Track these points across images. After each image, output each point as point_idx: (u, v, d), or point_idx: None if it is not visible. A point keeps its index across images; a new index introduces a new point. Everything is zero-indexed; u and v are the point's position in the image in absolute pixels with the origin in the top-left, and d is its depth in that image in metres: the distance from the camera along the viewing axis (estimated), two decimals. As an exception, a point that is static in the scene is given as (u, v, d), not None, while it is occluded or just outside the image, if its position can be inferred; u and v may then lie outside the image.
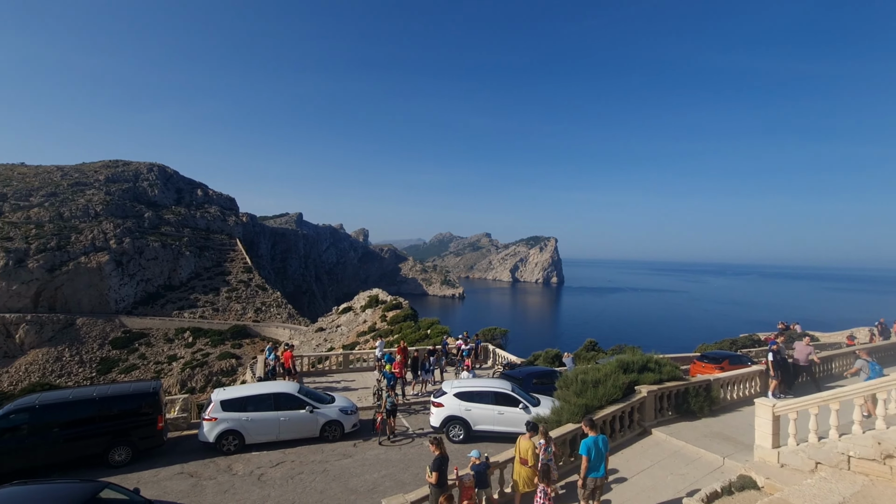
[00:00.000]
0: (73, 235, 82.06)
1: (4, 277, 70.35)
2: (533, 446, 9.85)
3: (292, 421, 15.40)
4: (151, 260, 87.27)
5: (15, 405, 13.90)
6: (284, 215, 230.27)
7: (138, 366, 65.68)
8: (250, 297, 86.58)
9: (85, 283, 76.11)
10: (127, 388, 15.37)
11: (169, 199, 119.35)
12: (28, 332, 67.62)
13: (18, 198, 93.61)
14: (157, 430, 14.52)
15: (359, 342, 36.00)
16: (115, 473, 13.48)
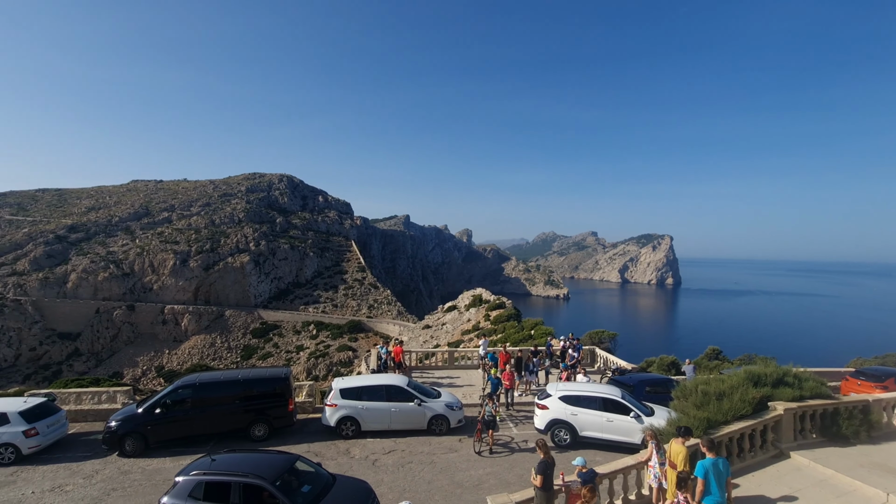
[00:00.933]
0: (222, 239, 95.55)
1: (174, 275, 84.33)
2: (685, 452, 9.22)
3: (402, 412, 16.33)
4: (282, 260, 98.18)
5: (181, 382, 16.65)
6: (393, 218, 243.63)
7: (272, 353, 74.32)
8: (364, 295, 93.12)
9: (231, 280, 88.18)
10: (264, 372, 17.55)
11: (296, 206, 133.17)
12: (190, 321, 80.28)
13: (182, 209, 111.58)
14: (288, 411, 16.38)
15: (463, 340, 36.82)
16: (257, 447, 15.52)
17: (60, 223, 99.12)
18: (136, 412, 15.47)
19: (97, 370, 68.59)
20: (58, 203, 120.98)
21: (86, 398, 19.03)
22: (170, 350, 76.35)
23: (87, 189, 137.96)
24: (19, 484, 13.20)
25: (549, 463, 9.24)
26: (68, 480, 13.38)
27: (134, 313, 79.49)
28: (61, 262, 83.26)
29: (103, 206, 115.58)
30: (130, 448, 15.01)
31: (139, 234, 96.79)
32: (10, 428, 14.53)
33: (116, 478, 13.54)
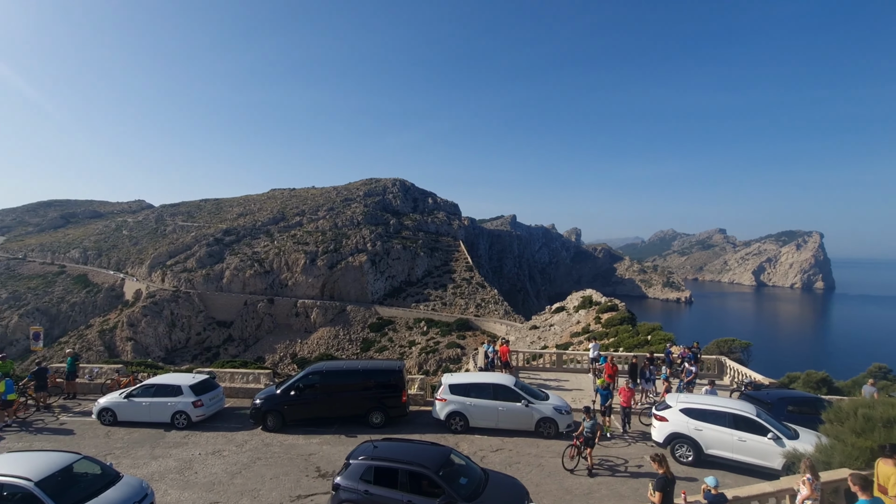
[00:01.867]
0: (344, 240, 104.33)
1: (304, 273, 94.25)
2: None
3: (509, 412, 16.38)
4: (395, 260, 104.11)
5: (312, 369, 18.61)
6: (499, 218, 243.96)
7: (387, 347, 79.22)
8: (471, 294, 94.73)
9: (351, 278, 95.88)
10: (381, 364, 18.89)
11: (407, 208, 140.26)
12: (318, 314, 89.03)
13: (311, 213, 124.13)
14: (402, 402, 17.41)
15: (572, 343, 35.64)
16: (375, 433, 16.76)
17: (218, 228, 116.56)
18: (275, 393, 17.67)
19: (245, 354, 79.35)
20: (216, 210, 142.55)
21: (237, 378, 22.22)
22: (301, 340, 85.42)
23: (237, 198, 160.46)
24: (189, 446, 15.90)
25: (669, 479, 8.62)
26: (224, 447, 15.77)
27: (273, 306, 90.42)
28: (218, 261, 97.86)
29: (249, 212, 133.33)
30: (271, 424, 17.20)
31: (277, 236, 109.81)
32: (183, 399, 17.56)
33: (261, 448, 15.62)
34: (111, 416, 17.81)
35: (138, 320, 79.34)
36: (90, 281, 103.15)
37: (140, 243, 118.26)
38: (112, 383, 21.69)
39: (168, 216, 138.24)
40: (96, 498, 10.32)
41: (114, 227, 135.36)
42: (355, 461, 10.78)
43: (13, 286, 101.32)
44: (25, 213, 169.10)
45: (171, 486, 12.99)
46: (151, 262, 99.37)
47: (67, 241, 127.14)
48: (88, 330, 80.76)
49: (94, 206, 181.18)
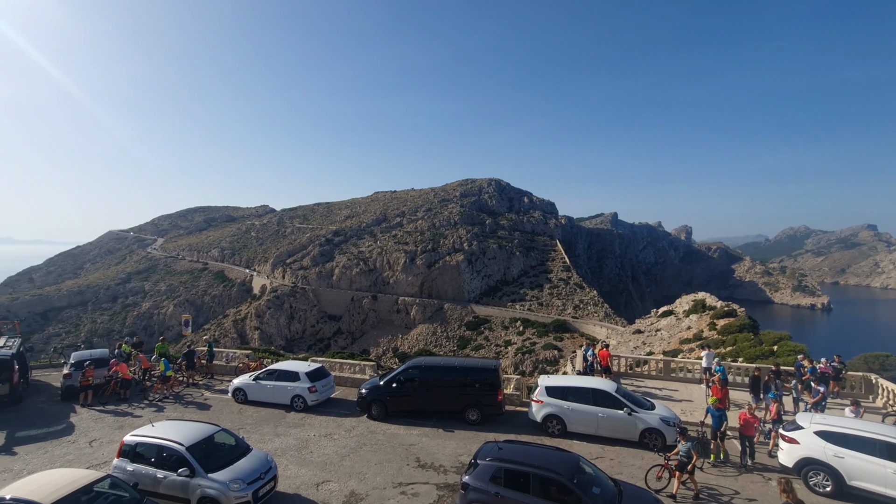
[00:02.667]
0: (441, 240, 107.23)
1: (404, 271, 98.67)
2: None
3: (610, 419, 15.67)
4: (491, 259, 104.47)
5: (411, 363, 19.50)
6: (599, 216, 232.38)
7: (483, 346, 79.87)
8: (569, 295, 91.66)
9: (448, 277, 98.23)
10: (477, 362, 19.16)
11: (503, 208, 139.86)
12: (417, 311, 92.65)
13: (410, 214, 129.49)
14: (497, 400, 17.52)
15: (681, 350, 32.88)
16: (471, 430, 17.10)
17: (329, 229, 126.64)
18: (378, 384, 18.83)
19: (352, 346, 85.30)
20: (327, 213, 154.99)
21: (345, 368, 24.05)
22: (402, 335, 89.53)
23: (345, 201, 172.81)
24: (305, 427, 17.59)
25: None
26: (335, 430, 17.19)
27: (376, 302, 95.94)
28: (329, 260, 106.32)
29: (355, 214, 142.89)
30: (375, 413, 18.36)
31: (379, 236, 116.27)
32: (300, 384, 19.46)
33: (366, 435, 16.77)
34: (243, 395, 20.36)
35: (263, 312, 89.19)
36: (226, 276, 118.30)
37: (265, 243, 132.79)
38: (243, 367, 24.75)
39: (287, 219, 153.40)
40: (231, 466, 11.92)
41: (244, 229, 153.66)
42: (483, 462, 10.65)
43: (169, 280, 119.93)
44: (178, 218, 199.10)
45: (291, 461, 14.50)
46: (274, 261, 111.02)
47: (209, 241, 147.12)
48: (225, 319, 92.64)
49: (229, 210, 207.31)
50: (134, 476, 11.75)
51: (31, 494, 9.19)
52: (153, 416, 18.42)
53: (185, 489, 11.44)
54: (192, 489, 11.36)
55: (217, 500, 11.17)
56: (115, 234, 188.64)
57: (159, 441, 12.13)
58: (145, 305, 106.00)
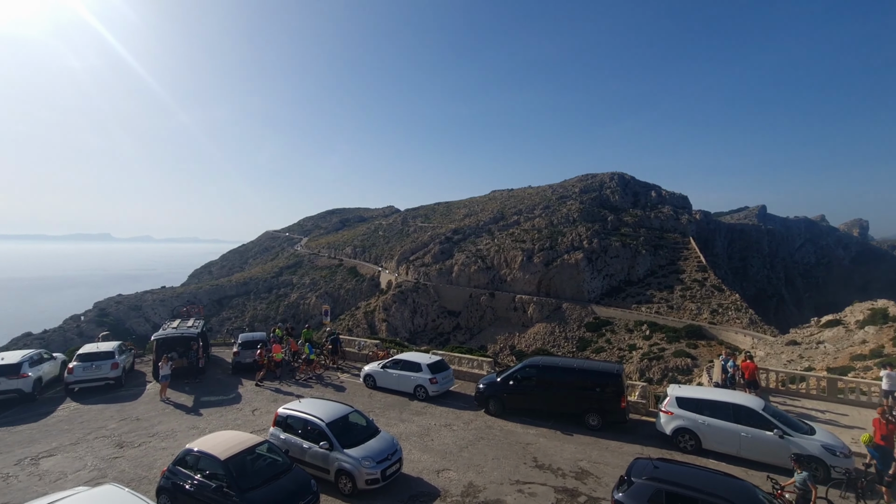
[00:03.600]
0: (559, 238, 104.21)
1: (521, 269, 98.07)
2: None
3: (756, 441, 13.89)
4: (614, 258, 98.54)
5: (528, 362, 19.42)
6: (743, 210, 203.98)
7: (605, 349, 75.81)
8: (705, 298, 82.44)
9: (567, 276, 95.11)
10: (598, 365, 18.36)
11: (627, 203, 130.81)
12: (534, 309, 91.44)
13: (527, 212, 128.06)
14: (620, 407, 16.61)
15: (853, 367, 27.52)
16: (591, 435, 16.50)
17: (448, 228, 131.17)
18: (496, 380, 19.11)
19: (470, 342, 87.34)
20: (446, 212, 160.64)
21: (463, 362, 24.81)
22: (519, 333, 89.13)
23: (463, 200, 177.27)
24: (427, 416, 18.59)
25: None
26: (454, 422, 17.90)
27: (494, 300, 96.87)
28: (449, 257, 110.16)
29: (473, 213, 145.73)
30: (493, 408, 18.68)
31: (497, 234, 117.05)
32: (422, 375, 20.61)
33: (483, 429, 17.16)
34: (372, 381, 22.22)
35: (390, 305, 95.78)
36: (358, 272, 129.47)
37: (390, 241, 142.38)
38: (372, 355, 26.99)
39: (410, 218, 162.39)
40: (363, 444, 13.14)
41: (373, 228, 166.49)
42: (639, 480, 9.97)
43: (312, 275, 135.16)
44: (319, 220, 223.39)
45: (414, 447, 15.48)
46: (398, 258, 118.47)
47: (343, 240, 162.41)
48: (357, 311, 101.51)
49: (360, 212, 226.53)
50: (285, 444, 13.61)
51: (212, 449, 11.30)
52: (300, 394, 21.07)
53: (325, 460, 12.93)
54: (331, 461, 12.79)
55: (351, 474, 12.43)
56: (271, 234, 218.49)
57: (305, 415, 13.88)
58: (293, 296, 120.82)
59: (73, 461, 14.46)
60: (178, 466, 11.46)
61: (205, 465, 11.14)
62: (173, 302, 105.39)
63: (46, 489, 12.47)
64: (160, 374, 20.73)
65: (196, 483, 10.92)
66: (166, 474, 11.52)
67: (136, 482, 12.69)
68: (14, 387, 19.39)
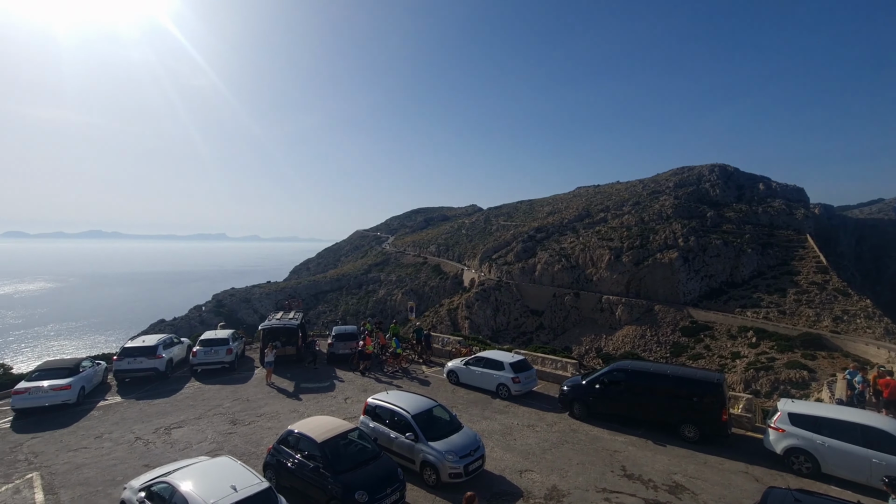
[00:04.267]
0: (651, 236, 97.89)
1: (609, 269, 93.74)
2: None
3: (893, 469, 12.07)
4: (713, 257, 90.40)
5: (616, 366, 18.57)
6: (876, 202, 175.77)
7: (703, 355, 69.92)
8: (825, 303, 72.54)
9: (659, 276, 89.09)
10: (695, 373, 17.03)
11: (729, 197, 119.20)
12: (623, 311, 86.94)
13: (615, 209, 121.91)
14: (721, 420, 15.29)
15: None
16: (687, 448, 15.41)
17: (531, 226, 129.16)
18: (580, 383, 18.53)
19: (554, 342, 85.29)
20: (529, 211, 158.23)
21: (547, 363, 24.35)
22: (606, 335, 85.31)
23: (547, 198, 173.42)
24: (509, 415, 18.55)
25: None
26: (536, 423, 17.67)
27: (579, 300, 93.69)
28: (531, 256, 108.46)
29: (557, 211, 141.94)
30: (577, 412, 18.16)
31: (582, 232, 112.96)
32: (505, 373, 20.59)
33: (567, 432, 16.75)
34: (455, 377, 22.64)
35: (472, 303, 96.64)
36: (441, 270, 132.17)
37: (473, 240, 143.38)
38: (455, 351, 27.46)
39: (493, 217, 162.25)
40: (447, 438, 13.47)
41: (455, 227, 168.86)
42: None
43: (398, 272, 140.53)
44: (404, 219, 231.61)
45: (496, 445, 15.55)
46: (481, 256, 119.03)
47: (427, 239, 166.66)
48: (441, 308, 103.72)
49: (444, 211, 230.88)
50: (374, 432, 14.38)
51: (310, 432, 12.29)
52: (387, 385, 22.10)
53: (410, 451, 13.46)
54: (417, 452, 13.29)
55: (435, 467, 12.82)
56: (361, 233, 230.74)
57: (392, 406, 14.55)
58: (381, 293, 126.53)
59: (196, 433, 16.52)
60: (282, 445, 12.63)
61: (304, 445, 12.16)
62: (277, 295, 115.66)
63: (176, 456, 14.39)
64: (265, 360, 22.95)
65: (296, 462, 11.97)
66: (271, 451, 12.75)
67: (247, 457, 14.17)
68: (151, 366, 22.56)
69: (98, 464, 14.13)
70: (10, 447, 15.40)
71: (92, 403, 19.67)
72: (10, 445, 15.54)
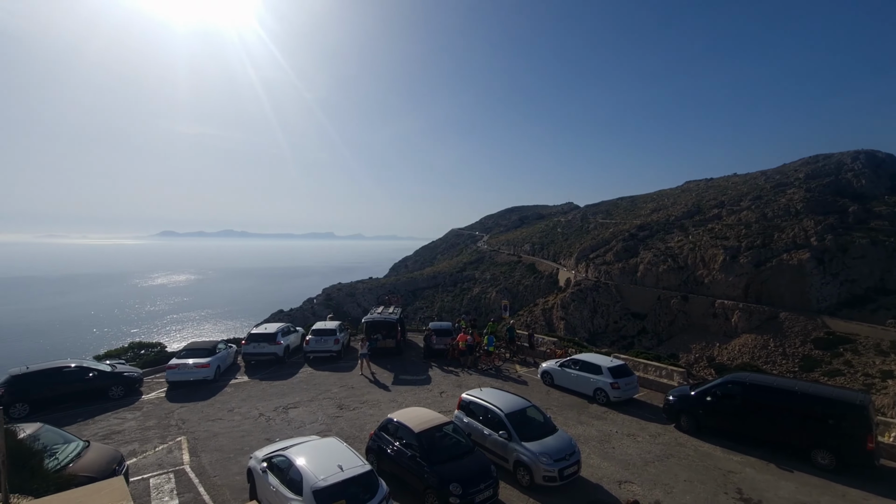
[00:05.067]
0: (775, 234, 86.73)
1: (723, 270, 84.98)
2: None
3: None
4: (857, 259, 77.46)
5: (732, 377, 16.85)
6: None
7: (843, 372, 60.43)
8: None
9: (786, 280, 78.66)
10: (830, 392, 14.87)
11: (879, 188, 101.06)
12: (740, 318, 78.28)
13: (731, 204, 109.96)
14: (865, 448, 13.21)
15: None
16: (820, 477, 13.56)
17: (632, 224, 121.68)
18: (689, 394, 17.15)
19: (658, 348, 79.51)
20: (630, 207, 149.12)
21: (650, 370, 22.86)
22: (720, 343, 77.53)
23: (650, 194, 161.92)
24: (608, 422, 17.76)
25: None
26: (638, 432, 16.70)
27: (687, 304, 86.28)
28: (633, 255, 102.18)
29: (662, 207, 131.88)
30: (684, 424, 16.83)
31: (691, 230, 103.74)
32: (602, 378, 19.75)
33: (673, 446, 15.61)
34: (549, 378, 22.21)
35: (568, 304, 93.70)
36: (536, 269, 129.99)
37: (569, 239, 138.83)
38: (550, 352, 26.92)
39: (590, 215, 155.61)
40: (541, 440, 13.30)
41: (551, 225, 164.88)
42: None
43: (492, 270, 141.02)
44: (498, 218, 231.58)
45: (592, 452, 15.00)
46: (577, 255, 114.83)
47: (521, 237, 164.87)
48: (535, 307, 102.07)
49: (538, 209, 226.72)
50: (468, 427, 14.68)
51: (408, 422, 12.91)
52: (480, 382, 22.38)
53: (504, 449, 13.53)
54: (510, 451, 13.32)
55: (529, 468, 12.74)
56: (456, 232, 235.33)
57: (486, 403, 14.73)
58: (475, 290, 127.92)
59: (309, 414, 18.20)
60: (382, 432, 13.45)
61: (402, 434, 12.82)
62: (378, 291, 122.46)
63: (292, 433, 16.00)
64: (359, 352, 24.47)
65: (395, 449, 12.67)
66: (373, 437, 13.63)
67: (351, 440, 15.29)
68: (272, 351, 25.26)
69: (230, 434, 16.22)
70: (165, 413, 18.30)
71: (225, 381, 22.58)
72: (165, 412, 18.46)
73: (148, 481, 12.82)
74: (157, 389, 21.37)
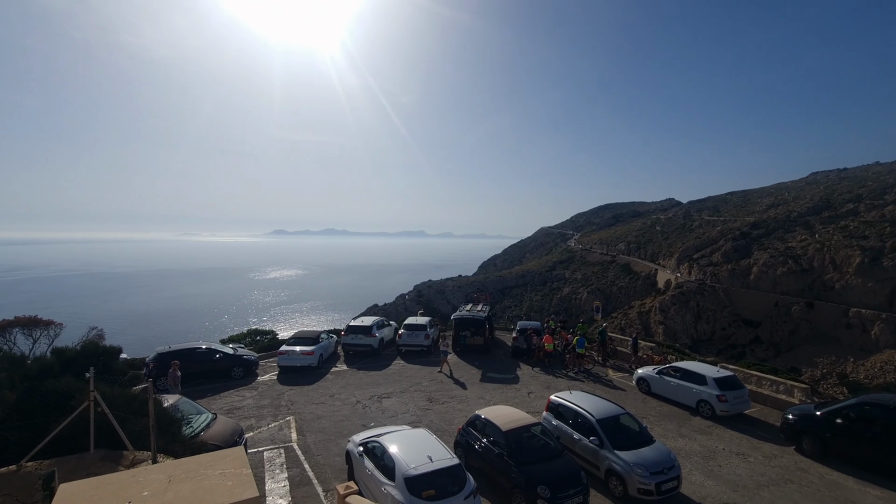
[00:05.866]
0: (935, 232, 72.86)
1: (859, 274, 73.40)
2: None
3: None
4: None
5: (871, 398, 14.60)
6: None
7: None
8: None
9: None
10: None
11: None
12: (883, 330, 67.08)
13: (872, 198, 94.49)
14: None
15: None
16: None
17: (745, 221, 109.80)
18: (813, 413, 15.20)
19: (775, 360, 70.97)
20: (742, 203, 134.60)
21: (764, 383, 20.57)
22: (854, 359, 67.17)
23: (767, 187, 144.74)
24: (713, 437, 16.34)
25: None
26: (749, 452, 15.15)
27: (812, 311, 75.91)
28: (744, 256, 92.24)
29: (781, 202, 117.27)
30: (807, 448, 14.95)
31: (818, 228, 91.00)
32: (707, 389, 18.20)
33: (792, 470, 13.95)
34: (646, 385, 20.96)
35: (668, 307, 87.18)
36: (632, 269, 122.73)
37: (669, 238, 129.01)
38: (647, 358, 25.38)
39: (694, 212, 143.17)
40: (636, 450, 12.64)
41: (649, 223, 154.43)
42: None
43: (583, 270, 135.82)
44: (590, 216, 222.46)
45: (695, 468, 13.92)
46: (679, 255, 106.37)
47: (616, 236, 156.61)
48: (630, 310, 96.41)
49: (635, 206, 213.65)
50: (557, 430, 14.40)
51: (495, 419, 13.01)
52: (569, 384, 21.77)
53: (595, 456, 13.07)
54: (602, 458, 12.84)
55: (622, 478, 12.18)
56: (545, 231, 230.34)
57: (576, 407, 14.34)
58: (565, 290, 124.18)
59: (401, 404, 19.09)
60: (470, 428, 13.70)
61: (490, 431, 12.95)
62: (466, 288, 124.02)
63: (386, 421, 16.91)
64: (441, 349, 24.86)
65: (483, 445, 12.84)
66: (461, 432, 13.94)
67: (440, 432, 15.76)
68: (367, 342, 26.84)
69: (331, 417, 17.58)
70: (276, 394, 20.33)
71: (327, 368, 24.47)
72: (277, 393, 20.50)
73: (262, 454, 14.38)
74: (269, 372, 23.79)
